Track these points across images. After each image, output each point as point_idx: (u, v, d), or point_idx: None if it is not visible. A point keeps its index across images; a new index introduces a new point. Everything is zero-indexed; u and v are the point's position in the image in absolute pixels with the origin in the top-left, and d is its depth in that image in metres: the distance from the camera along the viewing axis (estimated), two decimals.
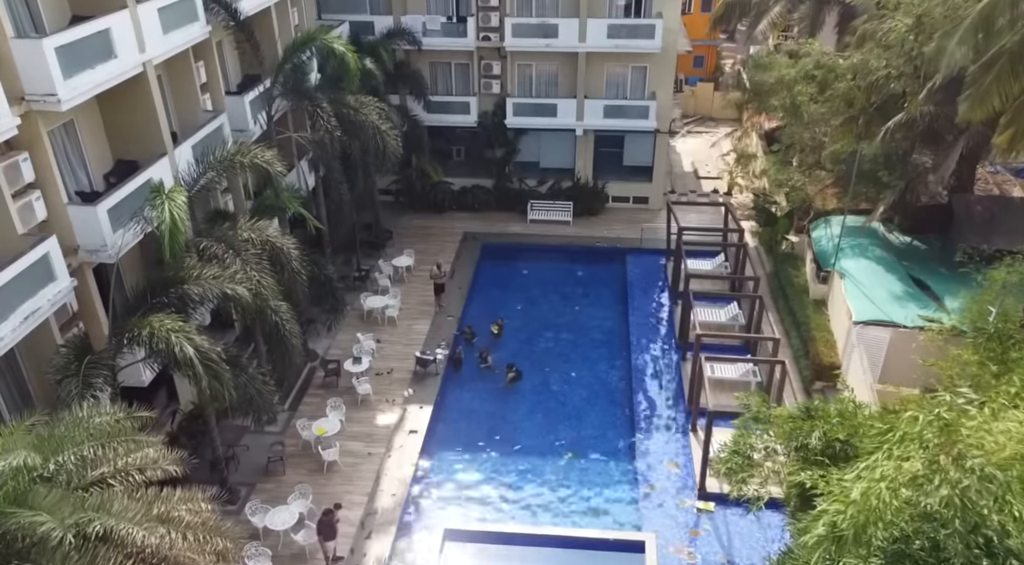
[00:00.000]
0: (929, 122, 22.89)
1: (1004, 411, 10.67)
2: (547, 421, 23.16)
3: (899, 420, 11.48)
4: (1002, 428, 10.13)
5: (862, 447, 12.42)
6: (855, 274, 23.77)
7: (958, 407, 10.51)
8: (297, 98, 22.65)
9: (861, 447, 12.57)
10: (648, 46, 30.44)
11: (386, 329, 26.70)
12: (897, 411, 13.36)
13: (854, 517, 10.67)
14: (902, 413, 11.55)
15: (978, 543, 10.57)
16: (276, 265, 17.84)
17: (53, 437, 9.83)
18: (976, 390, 13.10)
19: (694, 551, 18.61)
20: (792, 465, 15.04)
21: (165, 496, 10.39)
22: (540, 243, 32.65)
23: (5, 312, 13.36)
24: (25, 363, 15.22)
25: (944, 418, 10.37)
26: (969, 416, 10.42)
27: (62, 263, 14.79)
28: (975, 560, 10.44)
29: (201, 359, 13.62)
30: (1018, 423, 10.19)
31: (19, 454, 8.84)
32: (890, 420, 12.11)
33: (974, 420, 10.28)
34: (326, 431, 21.07)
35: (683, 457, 21.37)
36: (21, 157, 14.63)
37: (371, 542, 18.63)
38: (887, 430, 11.31)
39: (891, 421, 11.91)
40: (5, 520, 8.65)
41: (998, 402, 10.84)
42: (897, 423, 11.42)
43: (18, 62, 14.03)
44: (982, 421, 10.23)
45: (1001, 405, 10.81)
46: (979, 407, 10.61)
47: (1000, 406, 10.78)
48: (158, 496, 10.35)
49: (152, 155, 17.94)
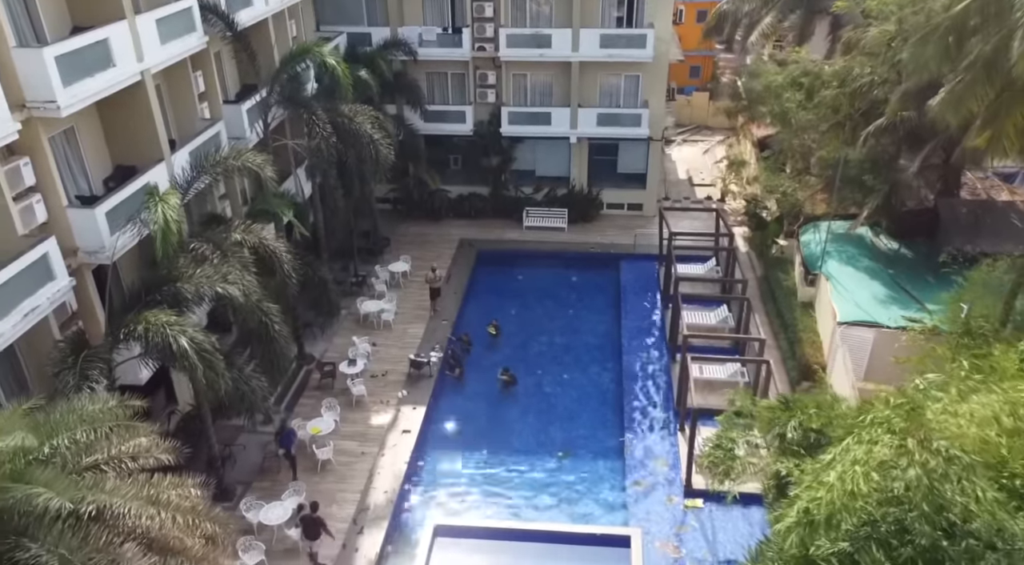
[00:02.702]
0: (912, 127, 23.34)
1: (969, 394, 11.07)
2: (539, 422, 23.57)
3: (870, 407, 11.94)
4: (966, 411, 10.53)
5: (835, 435, 12.83)
6: (841, 277, 24.20)
7: (924, 392, 10.93)
8: (293, 107, 23.24)
9: (834, 435, 12.98)
10: (640, 55, 31.02)
11: (382, 333, 27.17)
12: (873, 403, 13.78)
13: (829, 502, 11.07)
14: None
15: (941, 525, 10.95)
16: (268, 268, 18.34)
17: (48, 422, 10.30)
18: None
19: (680, 546, 18.95)
20: (771, 457, 15.47)
21: (155, 481, 10.84)
22: (535, 249, 33.13)
23: (6, 309, 13.90)
24: (25, 360, 15.73)
25: (910, 402, 10.80)
26: (935, 399, 10.84)
27: (61, 263, 15.33)
28: (937, 541, 10.82)
29: (196, 350, 14.11)
30: (981, 405, 10.59)
31: (17, 435, 9.32)
32: (864, 408, 12.56)
33: (939, 403, 10.69)
34: (320, 430, 21.53)
35: (671, 456, 21.74)
36: (22, 161, 15.20)
37: (363, 538, 19.04)
38: (857, 415, 11.74)
39: (865, 409, 12.36)
40: (4, 495, 9.12)
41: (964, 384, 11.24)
42: (868, 409, 11.87)
43: (19, 70, 14.62)
44: (947, 403, 10.64)
45: (968, 388, 11.20)
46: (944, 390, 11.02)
47: (966, 388, 11.17)
48: (149, 481, 10.79)
49: (150, 161, 18.51)
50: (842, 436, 11.47)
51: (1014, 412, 10.33)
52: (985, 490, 10.58)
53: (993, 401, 10.54)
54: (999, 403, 10.45)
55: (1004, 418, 10.26)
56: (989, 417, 10.42)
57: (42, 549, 9.14)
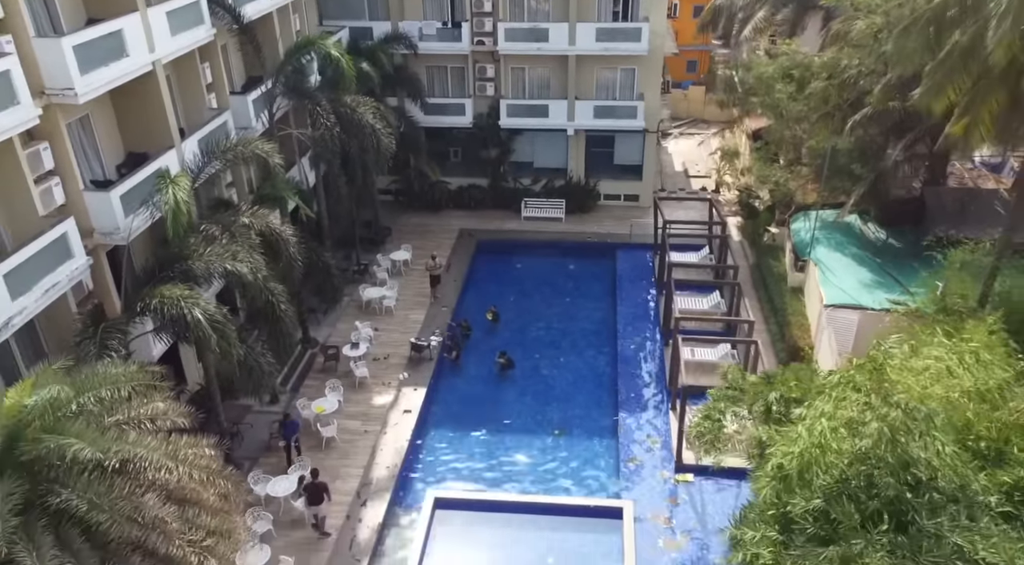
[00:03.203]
0: (898, 117, 24.07)
1: (920, 348, 11.86)
2: (536, 402, 24.34)
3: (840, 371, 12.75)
4: (920, 365, 11.31)
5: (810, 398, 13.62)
6: (829, 263, 24.96)
7: (885, 352, 11.71)
8: (298, 97, 24.02)
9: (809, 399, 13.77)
10: (635, 49, 31.75)
11: (383, 319, 27.95)
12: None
13: (799, 454, 11.86)
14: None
15: (906, 480, 11.74)
16: (274, 250, 19.12)
17: (75, 382, 11.08)
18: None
19: (671, 517, 19.73)
20: (755, 426, 16.24)
21: (173, 439, 11.61)
22: (533, 239, 33.89)
23: (28, 284, 14.69)
24: (45, 334, 16.52)
25: (873, 361, 11.58)
26: (893, 357, 11.62)
27: (79, 242, 16.12)
28: (901, 494, 11.59)
29: (208, 320, 14.90)
30: (934, 359, 11.37)
31: (52, 388, 10.12)
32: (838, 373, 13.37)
33: (896, 360, 11.48)
34: (325, 409, 22.32)
35: (663, 433, 22.51)
36: (42, 146, 15.98)
37: (366, 509, 19.82)
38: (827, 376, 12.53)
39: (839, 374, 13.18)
40: (39, 445, 9.90)
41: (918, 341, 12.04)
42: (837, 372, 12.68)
43: (40, 59, 15.41)
44: (903, 359, 11.42)
45: (920, 343, 11.99)
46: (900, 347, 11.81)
47: (919, 344, 11.96)
48: (167, 439, 11.56)
49: (161, 148, 19.29)
50: (814, 397, 12.27)
51: (961, 360, 11.09)
52: (945, 444, 11.39)
53: (942, 353, 11.31)
54: (946, 353, 11.23)
55: (955, 368, 11.01)
56: (942, 369, 11.18)
57: (72, 495, 9.93)
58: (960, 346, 11.60)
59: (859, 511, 11.63)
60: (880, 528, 11.21)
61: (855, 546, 11.09)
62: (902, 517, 11.46)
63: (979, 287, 19.06)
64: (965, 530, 10.90)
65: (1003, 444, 12.64)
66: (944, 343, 11.81)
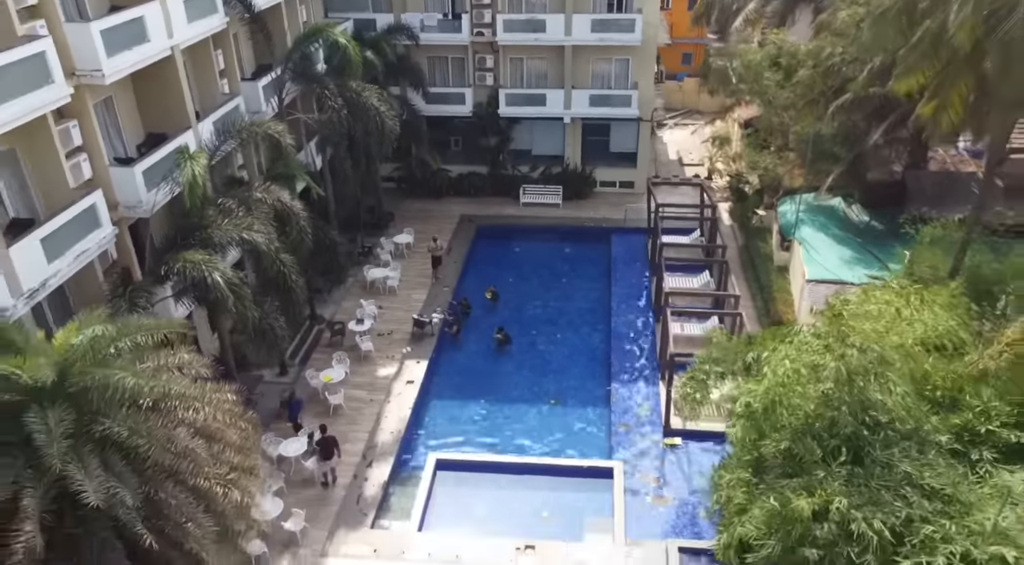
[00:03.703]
0: (878, 103, 25.24)
1: (872, 293, 13.10)
2: (533, 374, 25.56)
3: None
4: (873, 310, 12.53)
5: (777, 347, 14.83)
6: (813, 242, 26.20)
7: (843, 301, 12.94)
8: (306, 82, 25.22)
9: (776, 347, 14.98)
10: (629, 39, 32.93)
11: (387, 298, 29.16)
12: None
13: (765, 392, 13.10)
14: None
15: (864, 420, 12.96)
16: (285, 225, 20.34)
17: (115, 326, 12.29)
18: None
19: (659, 477, 20.95)
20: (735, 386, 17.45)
21: (199, 383, 12.81)
22: (532, 224, 35.07)
23: (61, 249, 15.92)
24: (74, 298, 17.75)
25: (832, 309, 12.81)
26: (849, 304, 12.84)
27: (106, 213, 17.37)
28: (858, 431, 12.82)
29: (227, 283, 16.13)
30: (884, 303, 12.59)
31: (97, 327, 11.34)
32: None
33: (850, 306, 12.70)
34: (332, 378, 23.55)
35: (652, 401, 23.72)
36: (71, 124, 17.20)
37: (372, 469, 21.05)
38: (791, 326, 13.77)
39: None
40: (86, 377, 11.12)
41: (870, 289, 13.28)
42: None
43: (70, 42, 16.63)
44: (857, 304, 12.63)
45: (869, 288, 13.24)
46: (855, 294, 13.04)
47: (870, 289, 13.21)
48: (194, 383, 12.77)
49: (179, 129, 20.50)
50: (780, 345, 13.50)
51: (907, 302, 12.32)
52: (898, 384, 12.60)
53: (890, 296, 12.54)
54: (894, 295, 12.45)
55: (903, 310, 12.23)
56: (892, 312, 12.40)
57: (114, 423, 11.14)
58: (907, 290, 12.82)
59: (821, 447, 12.87)
60: (839, 460, 12.45)
61: (816, 477, 12.33)
62: (859, 452, 12.70)
63: (951, 261, 20.27)
64: (914, 461, 12.13)
65: (957, 393, 13.87)
66: (893, 288, 13.03)
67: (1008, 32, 16.85)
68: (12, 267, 14.53)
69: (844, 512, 11.42)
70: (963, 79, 18.96)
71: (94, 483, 10.49)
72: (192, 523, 11.81)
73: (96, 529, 11.20)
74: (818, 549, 11.47)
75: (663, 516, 19.70)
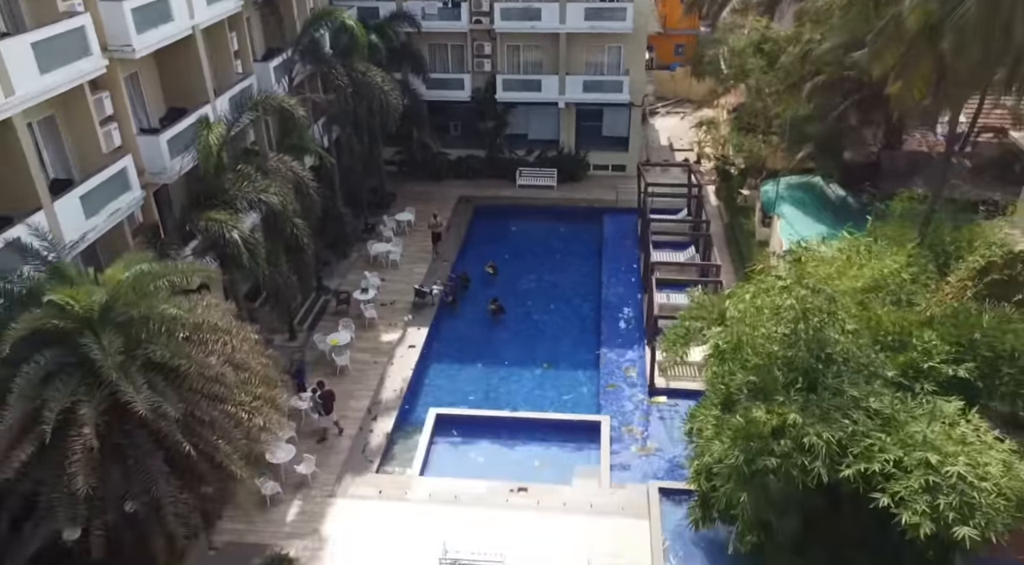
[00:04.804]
0: (851, 85, 26.81)
1: (827, 241, 14.74)
2: (528, 341, 27.15)
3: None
4: (824, 255, 14.17)
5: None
6: (791, 217, 27.75)
7: (804, 248, 14.58)
8: (315, 62, 26.74)
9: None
10: (621, 27, 34.49)
11: (389, 271, 30.72)
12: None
13: (730, 332, 14.72)
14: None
15: (820, 356, 14.59)
16: (297, 192, 21.89)
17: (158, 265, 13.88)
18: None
19: (644, 430, 22.55)
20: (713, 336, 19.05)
21: (228, 318, 14.39)
22: (528, 205, 36.67)
23: (97, 207, 17.50)
24: (103, 257, 19.27)
25: (794, 254, 14.45)
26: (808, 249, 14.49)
27: (136, 177, 18.94)
28: (814, 365, 14.44)
29: (243, 241, 17.72)
30: (838, 251, 14.23)
31: (143, 265, 12.92)
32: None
33: (809, 252, 14.34)
34: (339, 341, 25.11)
35: (639, 364, 25.32)
36: (104, 95, 18.77)
37: (377, 423, 22.63)
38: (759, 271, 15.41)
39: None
40: (134, 307, 12.68)
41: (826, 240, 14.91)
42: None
43: (104, 19, 18.15)
44: (814, 251, 14.25)
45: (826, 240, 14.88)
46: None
47: (827, 239, 14.85)
48: (222, 318, 14.34)
49: (198, 104, 22.03)
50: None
51: (857, 250, 13.96)
52: (848, 322, 14.22)
53: (843, 245, 14.21)
54: (846, 244, 14.12)
55: (851, 256, 13.89)
56: (843, 258, 14.05)
57: (157, 348, 12.70)
58: (856, 240, 14.45)
59: (783, 377, 14.50)
60: (796, 387, 14.08)
61: (776, 401, 13.94)
62: (814, 383, 14.33)
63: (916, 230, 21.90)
64: (861, 388, 13.76)
65: (907, 337, 15.51)
66: (846, 238, 14.67)
67: (963, 16, 18.48)
68: (56, 219, 16.08)
69: (798, 427, 13.04)
70: (923, 60, 20.54)
71: (141, 396, 12.05)
72: (223, 440, 13.38)
73: (139, 441, 12.78)
74: (776, 459, 13.09)
75: (646, 464, 21.30)
